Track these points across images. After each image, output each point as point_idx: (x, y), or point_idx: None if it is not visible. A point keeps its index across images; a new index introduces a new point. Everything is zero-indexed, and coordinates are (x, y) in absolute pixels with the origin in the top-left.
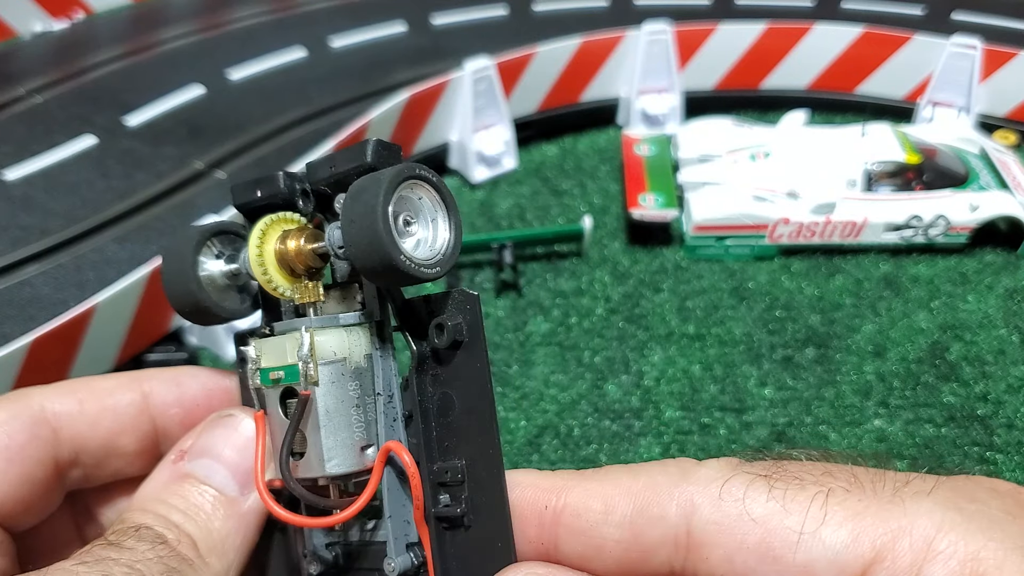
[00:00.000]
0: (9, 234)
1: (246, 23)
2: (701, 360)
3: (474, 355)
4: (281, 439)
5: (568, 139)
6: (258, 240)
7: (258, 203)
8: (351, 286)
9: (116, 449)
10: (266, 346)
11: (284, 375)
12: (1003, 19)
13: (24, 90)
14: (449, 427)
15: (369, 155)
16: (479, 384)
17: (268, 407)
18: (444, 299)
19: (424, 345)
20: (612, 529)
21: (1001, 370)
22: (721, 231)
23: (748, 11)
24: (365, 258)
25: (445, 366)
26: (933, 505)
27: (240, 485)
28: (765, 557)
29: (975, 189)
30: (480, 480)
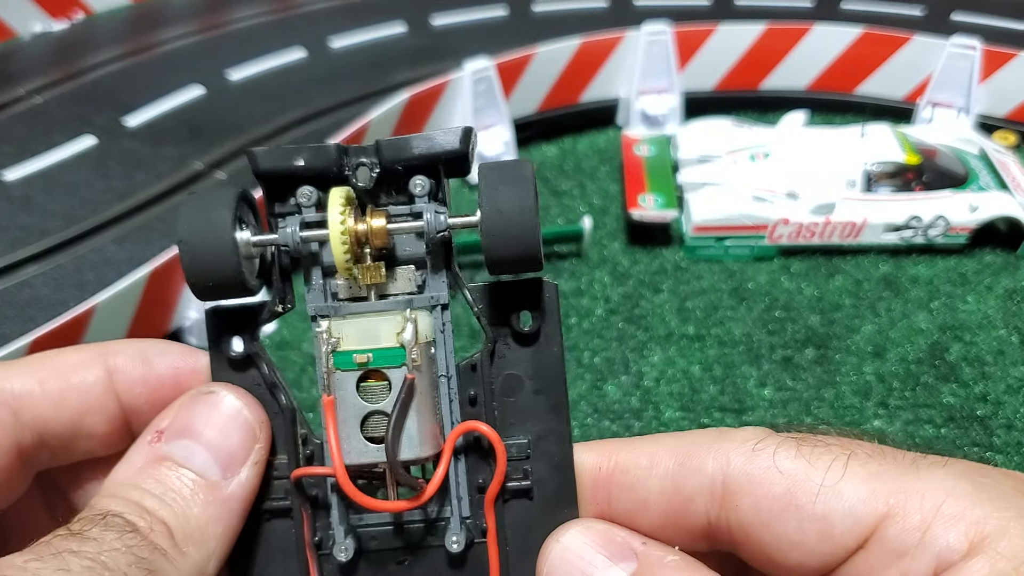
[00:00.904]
0: (9, 234)
1: (246, 23)
2: (701, 361)
3: (551, 340)
4: (354, 424)
5: (568, 139)
6: (340, 213)
7: (295, 172)
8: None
9: (83, 430)
10: (349, 328)
11: (373, 358)
12: (1002, 20)
13: (24, 90)
14: (513, 406)
15: (460, 142)
16: (554, 367)
17: (339, 391)
18: (527, 286)
19: (499, 330)
20: (656, 481)
21: (1000, 371)
22: (721, 232)
23: (748, 12)
24: (504, 248)
25: (518, 350)
26: (947, 475)
27: (222, 468)
28: (788, 506)
29: (975, 190)
30: (547, 454)
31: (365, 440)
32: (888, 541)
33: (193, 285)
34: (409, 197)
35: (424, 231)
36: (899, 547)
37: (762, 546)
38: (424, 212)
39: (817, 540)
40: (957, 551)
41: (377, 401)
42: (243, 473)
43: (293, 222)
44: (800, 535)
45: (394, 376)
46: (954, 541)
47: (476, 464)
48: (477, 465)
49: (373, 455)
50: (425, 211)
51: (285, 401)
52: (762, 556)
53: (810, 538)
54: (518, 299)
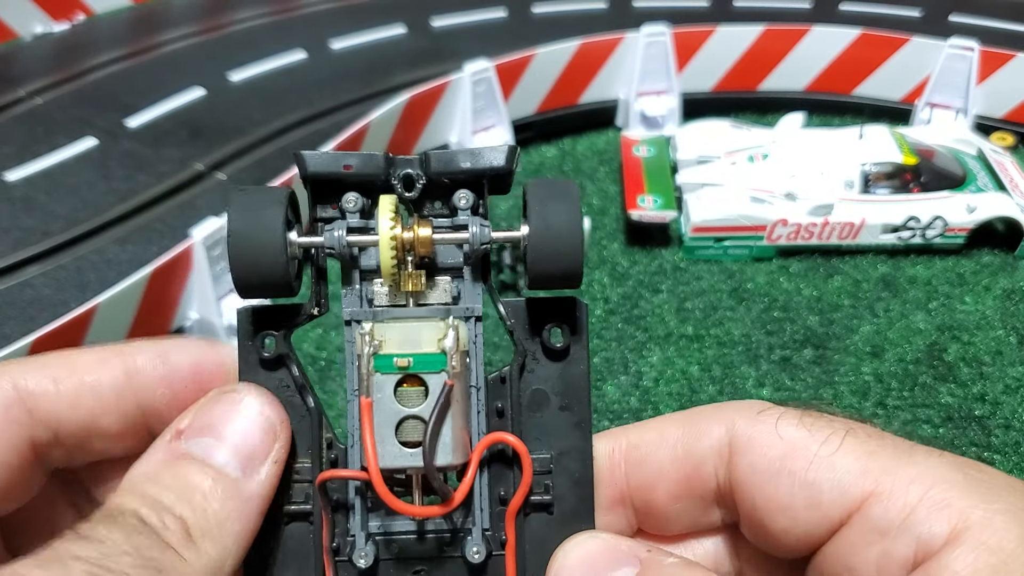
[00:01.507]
0: (10, 235)
1: (246, 25)
2: (700, 361)
3: (579, 357)
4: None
5: (567, 141)
6: (391, 220)
7: (343, 178)
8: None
9: (98, 430)
10: (391, 331)
11: (413, 362)
12: (1000, 21)
13: (25, 92)
14: (538, 421)
15: (506, 160)
16: (581, 384)
17: (376, 393)
18: (559, 304)
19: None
20: (667, 450)
21: (998, 371)
22: (719, 232)
23: (746, 13)
24: (550, 263)
25: (546, 365)
26: (940, 463)
27: (242, 466)
28: (782, 470)
29: (972, 190)
30: (568, 470)
31: (400, 444)
32: (871, 519)
33: (238, 280)
34: (451, 209)
35: (468, 243)
36: (881, 526)
37: (754, 509)
38: (470, 225)
39: (804, 507)
40: (938, 537)
41: (413, 406)
42: (263, 471)
43: (340, 226)
44: (789, 499)
45: (432, 382)
46: (936, 527)
47: (498, 476)
48: (499, 477)
49: (408, 459)
50: (471, 224)
51: (312, 404)
52: (754, 520)
53: (798, 503)
54: (550, 316)
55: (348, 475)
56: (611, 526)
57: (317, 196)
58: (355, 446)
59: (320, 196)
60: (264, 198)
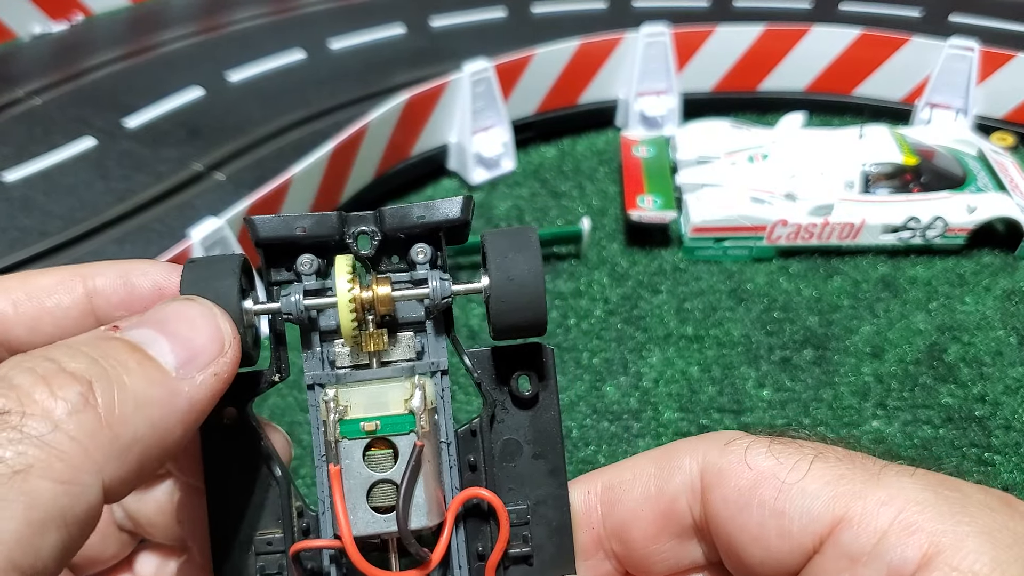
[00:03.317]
0: (8, 236)
1: (245, 25)
2: (699, 361)
3: (549, 404)
4: (360, 493)
5: (567, 141)
6: (348, 282)
7: (295, 240)
8: (403, 334)
9: None
10: (356, 395)
11: (381, 425)
12: (1000, 21)
13: (23, 92)
14: (512, 471)
15: (461, 211)
16: (553, 430)
17: (344, 459)
18: (525, 351)
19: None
20: (641, 488)
21: (999, 371)
22: (719, 232)
23: (746, 13)
24: (513, 315)
25: (516, 414)
26: (912, 484)
27: (181, 364)
28: (752, 500)
29: (973, 191)
30: (546, 519)
31: (371, 510)
32: (842, 546)
33: None
34: (409, 263)
35: (429, 298)
36: (852, 552)
37: (730, 542)
38: (429, 279)
39: (776, 536)
40: (910, 562)
41: (383, 470)
42: (200, 376)
43: (296, 289)
44: (760, 529)
45: (401, 444)
46: (908, 552)
47: (475, 531)
48: (475, 532)
49: (382, 525)
50: (430, 278)
51: (280, 473)
52: (731, 553)
53: (770, 533)
54: (517, 363)
55: (322, 544)
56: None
57: (271, 260)
58: (327, 513)
59: (274, 260)
60: (217, 269)
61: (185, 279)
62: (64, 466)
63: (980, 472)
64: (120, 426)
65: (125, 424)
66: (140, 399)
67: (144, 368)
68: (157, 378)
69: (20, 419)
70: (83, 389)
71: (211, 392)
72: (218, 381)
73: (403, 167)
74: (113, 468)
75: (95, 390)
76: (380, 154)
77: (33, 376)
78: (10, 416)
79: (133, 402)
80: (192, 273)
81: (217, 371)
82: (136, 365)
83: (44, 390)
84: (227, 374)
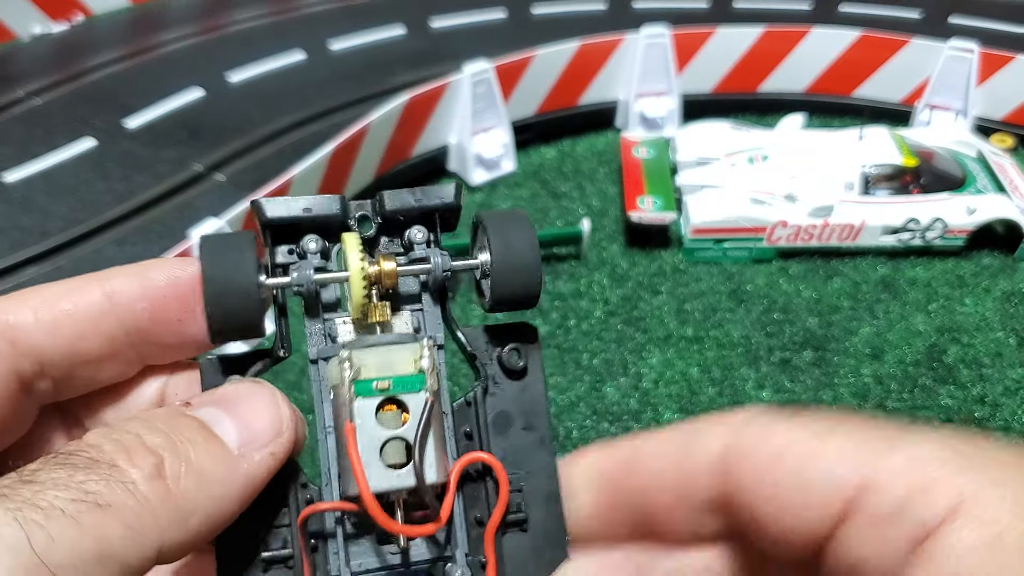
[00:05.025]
0: (8, 236)
1: (245, 26)
2: (699, 362)
3: (536, 378)
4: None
5: (567, 142)
6: (359, 255)
7: (300, 221)
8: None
9: (81, 355)
10: (368, 357)
11: (392, 385)
12: (1000, 23)
13: (23, 92)
14: (504, 443)
15: (455, 196)
16: (540, 402)
17: (357, 419)
18: (510, 329)
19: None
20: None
21: (998, 372)
22: (719, 234)
23: (746, 15)
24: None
25: (506, 389)
26: (934, 443)
27: (242, 444)
28: (775, 469)
29: (972, 192)
30: (537, 487)
31: (385, 467)
32: (868, 507)
33: (214, 323)
34: (405, 245)
35: (431, 272)
36: (878, 515)
37: (753, 511)
38: (431, 256)
39: (803, 505)
40: (936, 517)
41: (394, 428)
42: (259, 455)
43: (306, 265)
44: (786, 498)
45: (411, 402)
46: (932, 509)
47: (471, 499)
48: (472, 500)
49: (396, 480)
50: (431, 255)
51: None
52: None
53: (796, 501)
54: (505, 340)
55: (335, 506)
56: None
57: (276, 240)
58: (330, 484)
59: (279, 240)
60: (234, 243)
61: (204, 253)
62: (135, 517)
63: None
64: (183, 497)
65: (188, 496)
66: (204, 474)
67: (209, 445)
68: (220, 455)
69: (108, 469)
70: (156, 461)
71: (267, 469)
72: (274, 459)
73: (403, 168)
74: (172, 533)
75: (166, 464)
76: (380, 155)
77: (118, 445)
78: (101, 466)
79: (197, 476)
80: (210, 247)
81: (274, 451)
82: (202, 442)
83: (126, 457)
84: (283, 453)
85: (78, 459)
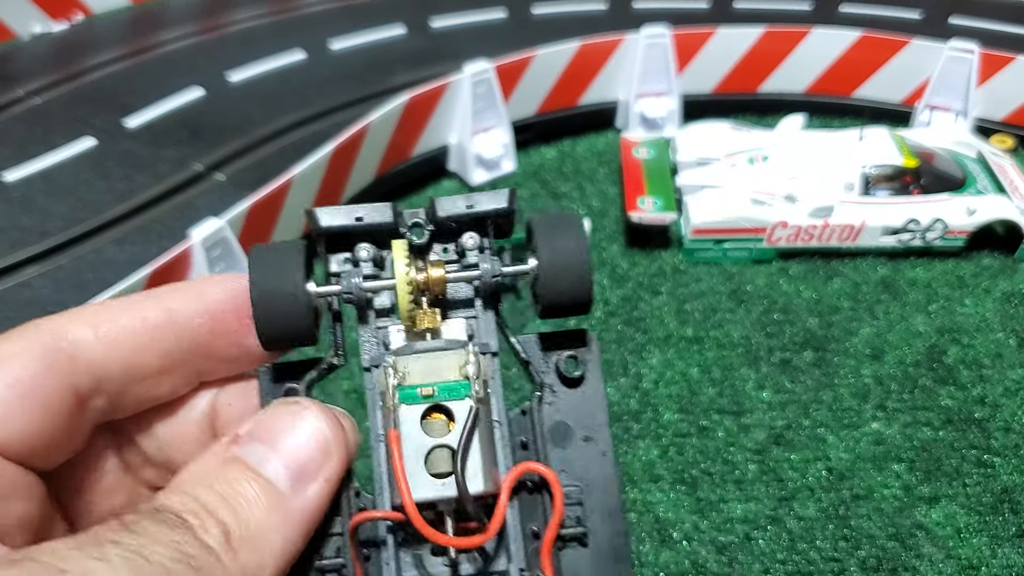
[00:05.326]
0: (8, 236)
1: (245, 25)
2: (699, 363)
3: (595, 387)
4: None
5: (567, 142)
6: (406, 265)
7: (353, 230)
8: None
9: (138, 370)
10: (414, 364)
11: (437, 391)
12: (1000, 24)
13: (23, 91)
14: (562, 454)
15: (508, 201)
16: (600, 413)
17: (402, 426)
18: (567, 336)
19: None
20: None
21: (998, 373)
22: (719, 234)
23: (746, 15)
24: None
25: (564, 398)
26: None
27: (293, 481)
28: None
29: (972, 193)
30: (598, 501)
31: (430, 476)
32: None
33: (264, 331)
34: (458, 252)
35: (480, 278)
36: None
37: None
38: (481, 262)
39: None
40: None
41: (440, 435)
42: (312, 488)
43: (356, 273)
44: None
45: (457, 409)
46: None
47: (527, 511)
48: (528, 512)
49: (440, 490)
50: (482, 261)
51: None
52: None
53: None
54: (561, 347)
55: (382, 515)
56: None
57: (331, 249)
58: (383, 493)
59: (333, 249)
60: (283, 251)
61: (252, 261)
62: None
63: (979, 474)
64: (251, 559)
65: (255, 557)
66: (263, 528)
67: (263, 496)
68: (274, 503)
69: (191, 533)
70: (223, 528)
71: (323, 498)
72: (328, 484)
73: (403, 168)
74: None
75: (231, 532)
76: (381, 155)
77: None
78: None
79: (258, 536)
80: (258, 256)
81: (327, 476)
82: (255, 496)
83: (199, 523)
84: (336, 476)
85: (167, 517)
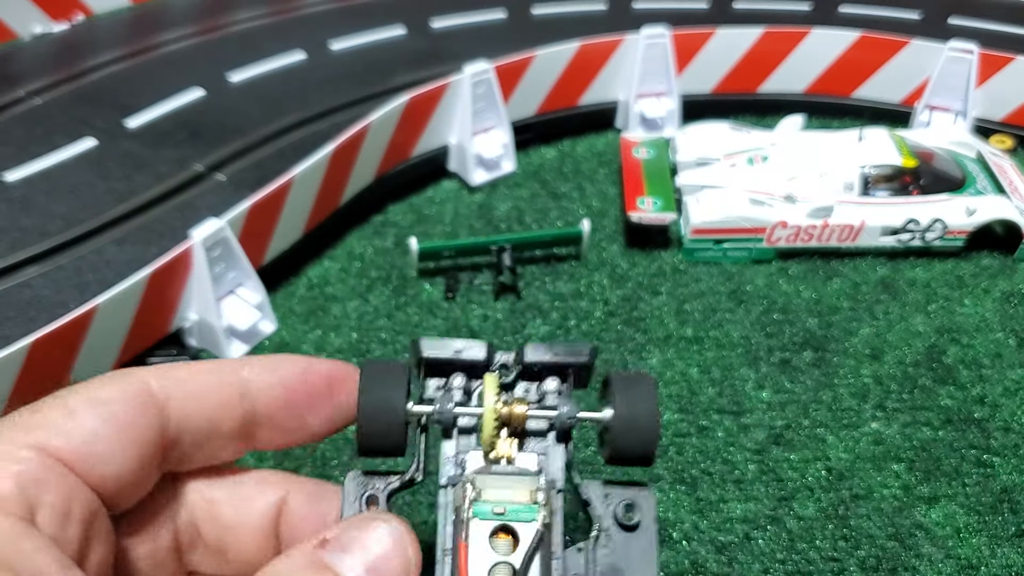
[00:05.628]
0: (9, 236)
1: (246, 26)
2: (699, 363)
3: (649, 535)
4: (483, 571)
5: (567, 142)
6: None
7: (451, 362)
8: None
9: (216, 430)
10: (490, 484)
11: (508, 511)
12: (1000, 24)
13: (24, 92)
14: None
15: (589, 356)
16: (650, 560)
17: (472, 539)
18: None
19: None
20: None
21: (998, 373)
22: (719, 234)
23: (746, 15)
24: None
25: (618, 541)
26: None
27: None
28: None
29: (972, 193)
30: None
31: None
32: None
33: (365, 441)
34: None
35: (557, 419)
36: None
37: None
38: (559, 405)
39: None
40: None
41: (505, 554)
42: None
43: (448, 399)
44: None
45: (523, 532)
46: None
47: None
48: None
49: None
50: (560, 404)
51: None
52: None
53: None
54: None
55: None
56: None
57: (428, 374)
58: None
59: (430, 374)
60: (392, 371)
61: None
62: None
63: (979, 474)
64: None
65: None
66: None
67: None
68: None
69: None
70: None
71: None
72: None
73: (404, 168)
74: None
75: None
76: (381, 155)
77: None
78: None
79: None
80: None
81: None
82: None
83: None
84: None
85: None
